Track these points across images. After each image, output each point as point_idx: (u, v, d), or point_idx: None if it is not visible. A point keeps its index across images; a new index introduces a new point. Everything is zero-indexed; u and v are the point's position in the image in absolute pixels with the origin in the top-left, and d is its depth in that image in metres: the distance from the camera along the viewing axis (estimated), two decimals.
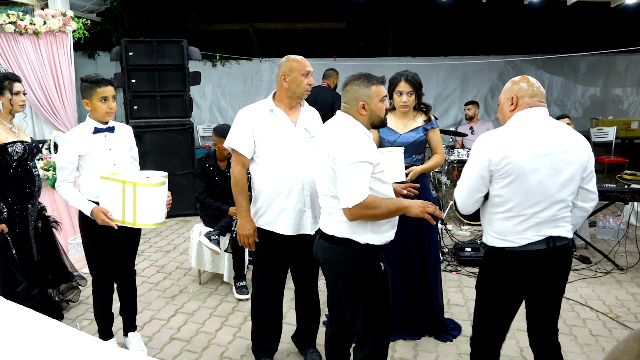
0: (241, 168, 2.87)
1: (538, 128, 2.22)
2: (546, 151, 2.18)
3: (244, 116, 2.87)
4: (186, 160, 6.43)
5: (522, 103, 2.29)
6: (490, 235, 2.35)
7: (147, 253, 5.23)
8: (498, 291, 2.38)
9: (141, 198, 2.81)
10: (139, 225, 2.88)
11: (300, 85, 2.81)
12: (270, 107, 2.85)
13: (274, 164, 2.82)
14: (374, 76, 2.41)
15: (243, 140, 2.83)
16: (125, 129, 3.18)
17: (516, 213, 2.24)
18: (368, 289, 2.36)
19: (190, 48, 6.40)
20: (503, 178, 2.20)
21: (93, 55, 9.44)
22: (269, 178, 2.83)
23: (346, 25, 10.05)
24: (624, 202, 4.82)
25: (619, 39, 8.00)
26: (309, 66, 2.85)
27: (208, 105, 10.24)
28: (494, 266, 2.36)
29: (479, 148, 2.25)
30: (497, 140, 2.22)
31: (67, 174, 2.98)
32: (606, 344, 3.45)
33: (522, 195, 2.21)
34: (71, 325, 3.66)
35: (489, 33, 9.88)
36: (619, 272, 4.68)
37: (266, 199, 2.85)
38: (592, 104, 9.82)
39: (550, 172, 2.19)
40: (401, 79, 3.29)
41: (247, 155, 2.84)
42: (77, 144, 2.95)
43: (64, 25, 5.06)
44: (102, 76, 2.97)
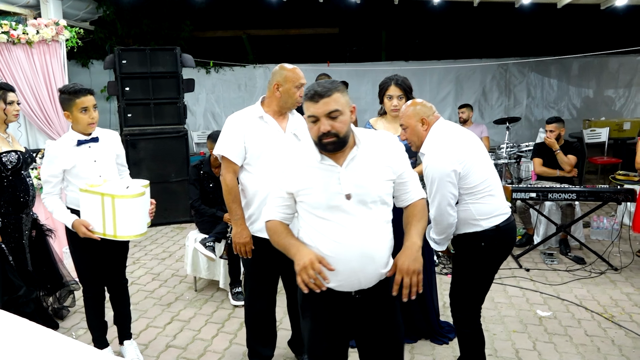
0: (232, 176, 2.86)
1: (455, 131, 2.69)
2: (471, 142, 2.68)
3: (233, 123, 2.86)
4: (181, 167, 6.43)
5: (430, 121, 2.70)
6: (481, 222, 2.64)
7: (142, 261, 5.23)
8: (493, 266, 2.75)
9: (120, 210, 2.79)
10: (120, 238, 2.87)
11: (293, 97, 2.81)
12: (260, 114, 2.84)
13: (265, 171, 2.80)
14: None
15: (234, 147, 2.82)
16: (111, 136, 3.12)
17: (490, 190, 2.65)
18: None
19: (183, 55, 6.41)
20: (468, 173, 2.58)
21: (87, 63, 9.44)
22: (261, 185, 2.82)
23: (339, 30, 10.10)
24: (617, 202, 4.85)
25: (610, 41, 8.07)
26: (302, 78, 2.84)
27: (202, 112, 10.25)
28: (492, 244, 2.67)
29: (438, 169, 2.56)
30: (446, 154, 2.57)
31: (52, 187, 2.97)
32: (601, 344, 3.47)
33: (485, 174, 2.64)
34: (67, 335, 3.65)
35: (481, 36, 9.94)
36: (613, 272, 4.70)
37: (258, 206, 2.82)
38: (585, 105, 9.87)
39: (484, 155, 2.71)
40: (391, 83, 3.31)
41: (237, 162, 2.83)
42: (61, 158, 2.92)
43: (57, 34, 5.06)
44: (80, 85, 2.92)
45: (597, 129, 8.34)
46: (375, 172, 2.03)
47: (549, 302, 4.13)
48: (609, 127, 8.27)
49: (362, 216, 2.01)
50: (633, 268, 4.78)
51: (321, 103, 1.93)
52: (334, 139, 1.94)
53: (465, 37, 10.03)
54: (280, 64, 2.87)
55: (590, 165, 8.48)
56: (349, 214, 2.01)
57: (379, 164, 2.03)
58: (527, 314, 3.93)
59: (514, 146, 6.53)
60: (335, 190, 2.00)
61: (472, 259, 2.71)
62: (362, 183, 2.00)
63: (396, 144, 2.11)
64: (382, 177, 2.04)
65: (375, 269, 2.06)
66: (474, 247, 2.68)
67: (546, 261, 4.99)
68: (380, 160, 2.04)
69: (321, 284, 1.94)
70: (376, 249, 2.05)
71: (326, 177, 2.01)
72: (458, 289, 2.81)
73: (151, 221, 3.11)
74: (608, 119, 8.87)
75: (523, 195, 4.89)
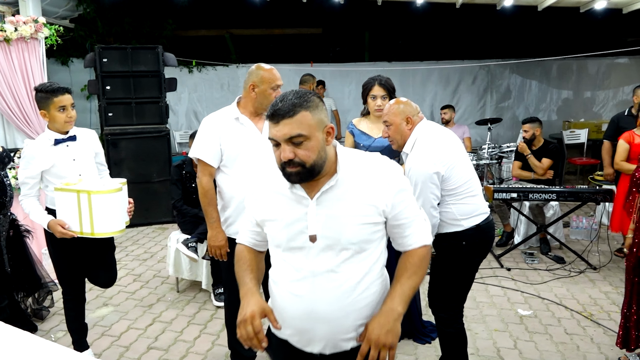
0: (208, 178, 2.82)
1: (438, 132, 2.70)
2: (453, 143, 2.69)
3: (209, 125, 2.81)
4: (163, 167, 6.37)
5: (414, 121, 2.71)
6: (462, 222, 2.66)
7: (123, 262, 5.16)
8: (474, 264, 2.79)
9: (97, 206, 2.75)
10: (98, 235, 2.82)
11: (268, 98, 2.75)
12: (236, 115, 2.80)
13: (242, 173, 2.77)
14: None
15: (209, 149, 2.77)
16: (89, 135, 3.08)
17: (468, 192, 2.66)
18: None
19: (165, 54, 6.36)
20: (451, 174, 2.60)
21: (66, 62, 9.30)
22: (238, 187, 2.78)
23: (322, 30, 10.09)
24: (596, 202, 4.93)
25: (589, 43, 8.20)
26: (279, 79, 2.79)
27: (185, 112, 10.16)
28: (473, 243, 2.70)
29: (422, 171, 2.54)
30: (429, 156, 2.57)
31: (29, 189, 2.92)
32: (580, 342, 3.52)
33: (466, 175, 2.66)
34: (45, 337, 3.60)
35: (463, 38, 10.01)
36: (592, 272, 4.77)
37: (235, 208, 2.80)
38: (565, 106, 10.00)
39: (465, 156, 2.73)
40: (375, 83, 3.32)
41: (214, 164, 2.79)
42: (38, 158, 2.87)
43: (36, 32, 4.98)
44: (57, 84, 2.88)
45: (577, 130, 8.47)
46: (353, 211, 1.60)
47: (529, 301, 4.18)
48: (588, 129, 8.40)
49: (325, 265, 1.62)
50: (611, 267, 4.86)
51: (281, 125, 1.54)
52: (298, 168, 1.55)
53: (447, 38, 10.09)
54: (257, 64, 2.82)
55: (569, 166, 8.60)
56: (310, 260, 1.63)
57: (360, 201, 1.60)
58: (508, 313, 3.97)
59: (496, 147, 6.59)
60: (299, 227, 1.62)
61: (453, 258, 2.74)
62: (333, 224, 1.60)
63: (393, 174, 1.65)
64: (362, 219, 1.60)
65: (332, 333, 1.65)
66: (455, 247, 2.70)
67: (527, 260, 5.05)
68: (364, 196, 1.60)
69: (258, 344, 1.62)
70: (333, 310, 1.62)
71: (293, 210, 1.63)
72: (440, 289, 2.82)
73: (131, 221, 3.07)
74: (587, 121, 9.01)
75: (504, 196, 4.94)
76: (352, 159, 1.66)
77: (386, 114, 2.76)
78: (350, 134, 3.48)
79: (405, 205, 1.67)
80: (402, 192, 1.65)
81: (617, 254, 5.14)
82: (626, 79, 9.51)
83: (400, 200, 1.64)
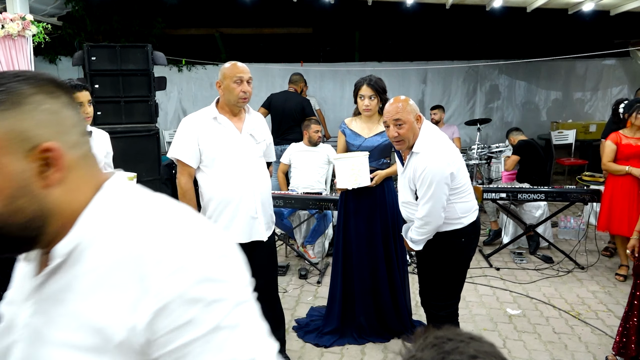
0: (187, 179, 2.81)
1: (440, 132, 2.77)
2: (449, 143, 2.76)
3: (187, 125, 2.81)
4: (152, 167, 6.32)
5: (421, 118, 2.75)
6: (462, 219, 2.71)
7: None
8: (470, 258, 2.86)
9: None
10: None
11: (233, 92, 2.75)
12: (214, 115, 2.80)
13: (221, 173, 2.77)
14: None
15: (188, 150, 2.77)
16: (102, 135, 3.16)
17: (468, 189, 2.74)
18: None
19: (155, 53, 6.31)
20: (458, 173, 2.65)
21: (54, 60, 9.22)
22: (218, 187, 2.78)
23: (313, 30, 10.08)
24: (584, 202, 4.98)
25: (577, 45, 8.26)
26: (242, 72, 2.77)
27: (174, 111, 10.12)
28: (470, 239, 2.77)
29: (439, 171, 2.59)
30: (444, 156, 2.62)
31: None
32: (568, 341, 3.54)
33: (466, 174, 2.76)
34: None
35: (453, 38, 10.06)
36: (580, 271, 4.82)
37: (216, 208, 2.80)
38: (553, 107, 10.08)
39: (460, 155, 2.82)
40: (364, 83, 3.33)
41: (193, 165, 2.79)
42: None
43: (23, 29, 4.94)
44: (76, 81, 2.92)
45: (565, 130, 8.54)
46: (61, 330, 0.79)
47: (518, 300, 4.21)
48: (575, 129, 8.48)
49: None
50: (599, 267, 4.91)
51: None
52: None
53: (437, 38, 10.13)
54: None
55: (557, 167, 8.67)
56: None
57: (78, 316, 0.78)
58: (498, 312, 3.99)
59: (485, 147, 6.63)
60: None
61: (452, 255, 2.76)
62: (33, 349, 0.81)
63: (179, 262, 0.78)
64: (69, 342, 0.78)
65: None
66: (455, 244, 2.73)
67: (516, 260, 5.08)
68: (90, 305, 0.78)
69: None
70: None
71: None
72: (440, 288, 2.83)
73: None
74: (575, 121, 9.09)
75: (493, 196, 4.97)
76: (116, 210, 0.84)
77: (397, 112, 2.67)
78: (342, 133, 3.49)
79: (195, 344, 0.76)
80: (194, 305, 0.76)
81: (604, 253, 5.19)
82: (614, 81, 9.62)
83: (178, 324, 0.76)
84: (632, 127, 4.52)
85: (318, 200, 4.60)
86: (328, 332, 3.54)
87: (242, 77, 2.76)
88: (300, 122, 5.71)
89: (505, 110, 10.13)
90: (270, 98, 6.42)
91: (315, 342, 3.50)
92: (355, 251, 3.48)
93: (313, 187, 5.09)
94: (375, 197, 3.42)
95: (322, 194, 4.90)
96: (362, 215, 3.44)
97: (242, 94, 2.76)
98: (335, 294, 3.59)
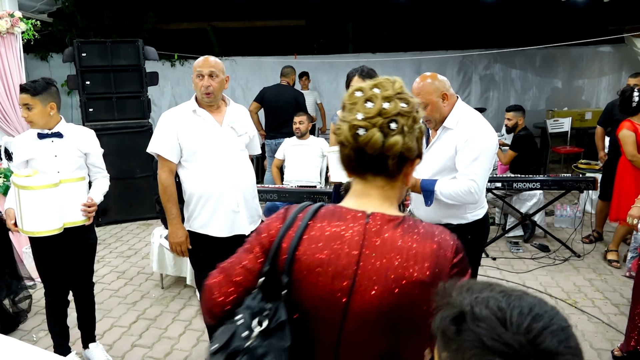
0: (168, 174, 2.78)
1: (475, 112, 2.61)
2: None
3: (166, 120, 2.78)
4: (146, 163, 6.27)
5: (449, 95, 2.51)
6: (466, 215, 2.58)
7: (107, 259, 5.10)
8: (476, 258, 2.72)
9: (25, 202, 2.66)
10: (27, 233, 2.75)
11: (197, 87, 2.74)
12: (193, 108, 2.77)
13: (202, 167, 2.74)
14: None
15: (167, 144, 2.73)
16: (80, 135, 3.00)
17: None
18: None
19: (146, 48, 6.26)
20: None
21: (46, 57, 9.14)
22: (199, 181, 2.76)
23: (306, 22, 10.01)
24: (580, 190, 4.96)
25: (572, 32, 8.22)
26: (202, 66, 2.73)
27: (168, 106, 10.05)
28: (477, 237, 2.66)
29: (491, 142, 2.46)
30: (489, 127, 2.53)
31: None
32: None
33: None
34: (26, 337, 3.55)
35: (446, 28, 10.00)
36: (576, 259, 4.81)
37: (197, 202, 2.78)
38: (549, 96, 10.06)
39: None
40: (356, 74, 3.29)
41: (173, 160, 2.76)
42: (23, 149, 2.88)
43: (12, 26, 4.88)
44: (28, 83, 2.85)
45: (560, 119, 8.51)
46: None
47: None
48: (571, 117, 8.45)
49: None
50: (595, 254, 4.90)
51: None
52: None
53: (431, 28, 10.07)
54: None
55: (553, 155, 8.65)
56: None
57: None
58: None
59: None
60: None
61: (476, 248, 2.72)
62: None
63: None
64: None
65: None
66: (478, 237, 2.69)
67: (512, 249, 5.07)
68: None
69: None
70: None
71: None
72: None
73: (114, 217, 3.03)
74: (570, 109, 9.06)
75: (489, 185, 4.95)
76: None
77: (419, 93, 2.50)
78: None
79: None
80: None
81: (584, 240, 5.15)
82: (609, 68, 9.59)
83: None
84: None
85: (312, 193, 4.58)
86: None
87: (201, 72, 2.71)
88: (294, 114, 5.68)
89: (501, 99, 10.10)
90: (263, 92, 6.38)
91: None
92: None
93: (307, 181, 5.07)
94: None
95: (316, 187, 4.88)
96: None
97: (204, 88, 2.71)
98: None
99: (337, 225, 1.16)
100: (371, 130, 1.11)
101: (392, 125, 1.12)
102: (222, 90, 2.81)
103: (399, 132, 1.12)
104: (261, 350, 1.09)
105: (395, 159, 1.13)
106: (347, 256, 1.12)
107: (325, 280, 1.12)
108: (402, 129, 1.13)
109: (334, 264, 1.12)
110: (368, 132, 1.12)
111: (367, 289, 1.09)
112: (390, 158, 1.13)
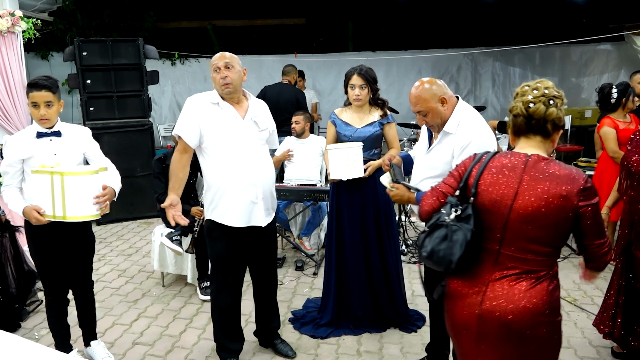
0: (181, 155, 2.85)
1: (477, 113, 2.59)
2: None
3: (191, 106, 2.86)
4: (146, 162, 6.30)
5: (448, 98, 2.52)
6: None
7: (108, 257, 5.12)
8: None
9: (70, 188, 2.69)
10: (70, 219, 2.75)
11: (215, 81, 2.83)
12: (217, 100, 2.84)
13: (223, 157, 2.82)
14: None
15: (189, 129, 2.81)
16: (79, 133, 3.01)
17: None
18: None
19: (146, 47, 6.28)
20: None
21: (46, 56, 9.17)
22: (219, 171, 2.83)
23: (306, 21, 10.02)
24: None
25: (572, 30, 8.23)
26: (217, 60, 2.83)
27: (168, 105, 10.08)
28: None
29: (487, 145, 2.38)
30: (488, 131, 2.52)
31: (9, 178, 2.87)
32: (564, 327, 3.50)
33: None
34: (28, 335, 3.57)
35: (447, 26, 10.01)
36: (576, 257, 4.82)
37: (216, 191, 2.86)
38: None
39: None
40: (354, 72, 3.31)
41: (191, 144, 2.83)
42: (20, 147, 2.84)
43: (13, 25, 4.89)
44: (40, 79, 2.83)
45: None
46: None
47: None
48: (571, 115, 8.46)
49: None
50: None
51: None
52: None
53: (431, 27, 10.08)
54: None
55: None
56: None
57: None
58: None
59: None
60: None
61: None
62: None
63: None
64: None
65: None
66: None
67: None
68: None
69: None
70: None
71: None
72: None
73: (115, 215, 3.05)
74: (570, 107, 9.06)
75: None
76: None
77: (417, 103, 2.50)
78: (332, 124, 3.47)
79: None
80: None
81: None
82: (609, 66, 9.58)
83: None
84: (621, 111, 4.47)
85: (312, 192, 4.59)
86: (324, 323, 3.55)
87: (217, 65, 2.82)
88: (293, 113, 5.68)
89: (501, 97, 10.11)
90: (264, 90, 6.39)
91: (311, 333, 3.51)
92: (349, 242, 3.47)
93: (308, 179, 5.08)
94: (367, 188, 3.40)
95: (316, 186, 4.89)
96: (355, 206, 3.43)
97: (222, 80, 2.79)
98: (329, 285, 3.58)
99: (508, 160, 1.84)
100: (538, 104, 1.79)
101: (550, 102, 1.79)
102: (241, 82, 2.88)
103: (554, 106, 1.80)
104: (455, 227, 1.81)
105: (551, 124, 1.81)
106: (514, 176, 1.79)
107: (499, 190, 1.80)
108: (557, 105, 1.80)
109: (505, 180, 1.80)
110: (536, 105, 1.80)
111: (525, 196, 1.76)
112: (548, 123, 1.81)
